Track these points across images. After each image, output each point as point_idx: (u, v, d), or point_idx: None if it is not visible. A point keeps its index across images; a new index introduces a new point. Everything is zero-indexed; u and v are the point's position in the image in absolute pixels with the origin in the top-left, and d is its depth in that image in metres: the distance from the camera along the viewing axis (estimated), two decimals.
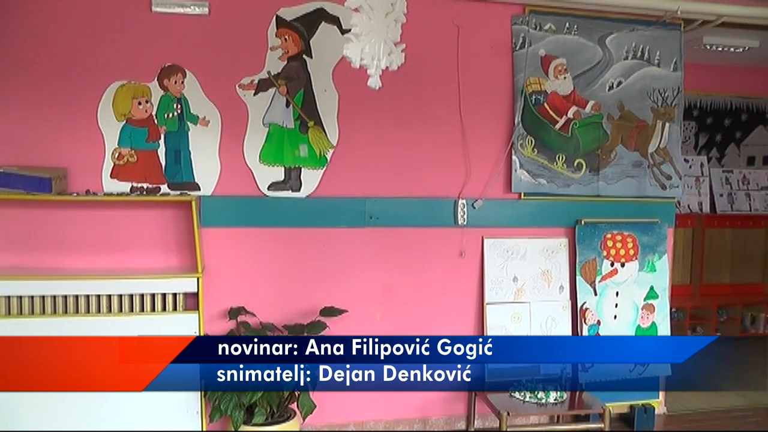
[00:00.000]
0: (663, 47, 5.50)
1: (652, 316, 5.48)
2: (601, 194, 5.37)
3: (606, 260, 5.33)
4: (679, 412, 5.78)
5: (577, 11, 5.20)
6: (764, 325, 8.68)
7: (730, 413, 5.88)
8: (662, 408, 5.74)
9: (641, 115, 5.46)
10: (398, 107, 4.97)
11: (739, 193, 8.78)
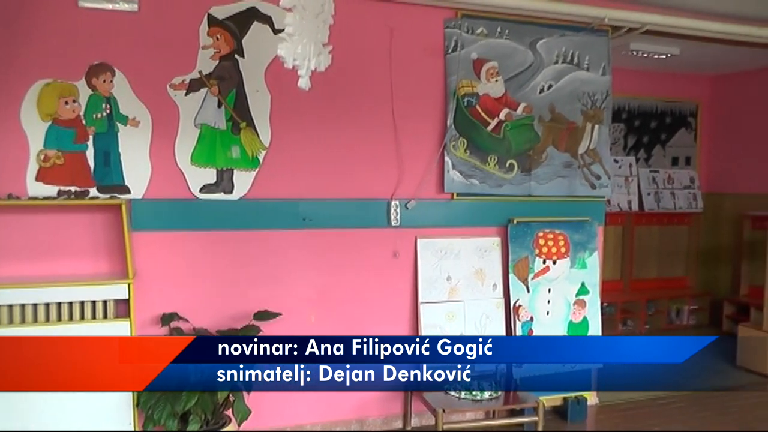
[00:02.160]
0: (592, 52, 5.43)
1: (584, 311, 5.39)
2: (533, 194, 5.27)
3: (538, 258, 5.23)
4: (610, 402, 5.73)
5: (509, 16, 5.09)
6: (688, 317, 8.77)
7: (657, 401, 5.87)
8: (594, 399, 5.67)
9: (571, 117, 5.38)
10: (330, 108, 4.75)
11: (665, 192, 8.82)
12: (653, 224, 8.82)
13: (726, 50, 6.89)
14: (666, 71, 8.76)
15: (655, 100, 8.88)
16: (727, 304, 8.56)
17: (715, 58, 7.81)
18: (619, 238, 8.51)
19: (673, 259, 9.03)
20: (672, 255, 9.02)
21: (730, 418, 5.54)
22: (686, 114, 9.15)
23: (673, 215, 8.90)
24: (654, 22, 5.51)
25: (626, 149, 8.69)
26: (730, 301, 8.59)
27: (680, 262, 9.11)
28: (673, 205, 8.82)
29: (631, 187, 8.55)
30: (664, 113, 8.97)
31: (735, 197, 8.95)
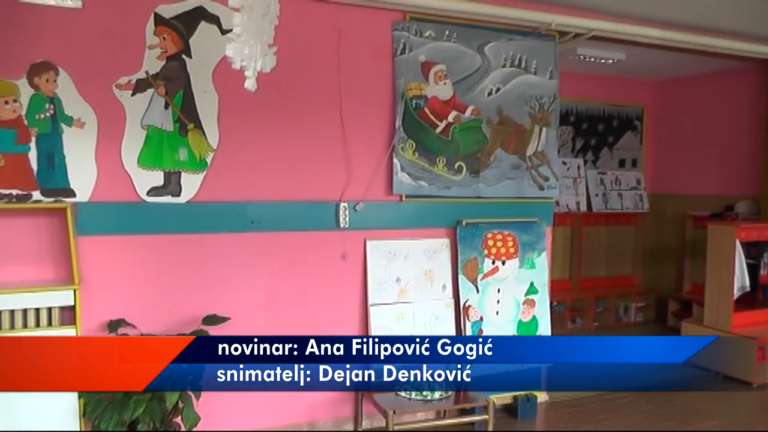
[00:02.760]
0: (539, 56, 5.42)
1: (533, 311, 5.38)
2: (482, 195, 5.23)
3: (487, 259, 5.19)
4: (559, 400, 5.72)
5: (457, 20, 5.05)
6: (635, 314, 8.85)
7: (604, 396, 5.86)
8: (544, 396, 5.65)
9: (519, 120, 5.35)
10: (278, 110, 4.62)
11: (612, 193, 8.90)
12: (601, 224, 8.88)
13: (669, 56, 6.98)
14: (612, 76, 8.85)
15: (602, 104, 8.95)
16: (672, 301, 8.70)
17: (659, 63, 7.92)
18: (568, 239, 8.55)
19: (620, 258, 9.12)
20: (619, 254, 9.11)
21: (671, 411, 5.60)
22: (632, 117, 9.25)
23: (621, 215, 8.99)
24: (600, 28, 5.55)
25: (574, 151, 8.74)
26: (674, 298, 8.72)
27: (627, 261, 9.20)
28: (621, 206, 8.91)
29: (579, 188, 8.61)
30: (611, 116, 9.05)
31: (678, 198, 9.09)
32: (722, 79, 8.50)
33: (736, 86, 8.34)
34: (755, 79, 7.92)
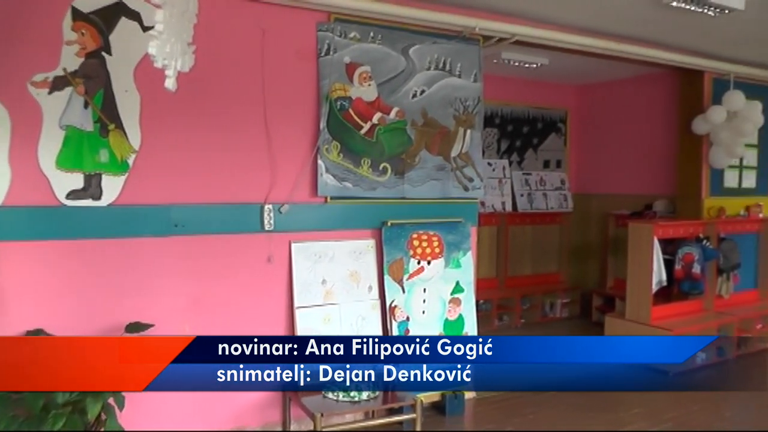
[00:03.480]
0: (463, 60, 5.39)
1: (459, 309, 5.35)
2: (407, 196, 5.16)
3: (413, 259, 5.14)
4: (487, 395, 5.71)
5: (381, 22, 4.97)
6: (561, 310, 8.96)
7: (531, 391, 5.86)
8: (472, 393, 5.61)
9: (444, 122, 5.31)
10: (201, 111, 4.43)
11: (537, 193, 8.99)
12: (526, 224, 8.96)
13: (590, 62, 7.10)
14: (537, 80, 8.96)
15: (526, 107, 9.05)
16: (596, 297, 8.85)
17: (581, 68, 8.05)
18: (494, 238, 8.58)
19: (545, 256, 9.22)
20: (545, 252, 9.21)
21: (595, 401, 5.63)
22: (556, 120, 9.38)
23: (545, 215, 9.09)
24: (522, 33, 5.57)
25: (500, 153, 8.80)
26: (598, 293, 8.88)
27: (552, 259, 9.31)
28: (545, 206, 9.02)
29: (504, 188, 8.67)
30: (536, 119, 9.16)
31: (601, 197, 9.26)
32: (640, 84, 8.71)
33: (653, 91, 8.56)
34: (670, 85, 8.14)
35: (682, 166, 7.88)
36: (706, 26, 5.96)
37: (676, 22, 5.81)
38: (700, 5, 5.22)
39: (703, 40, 6.61)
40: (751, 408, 5.86)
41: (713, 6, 5.24)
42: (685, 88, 7.76)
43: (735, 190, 8.02)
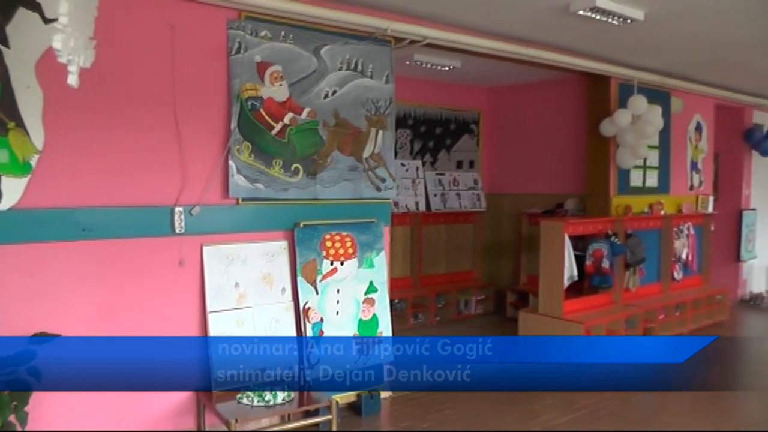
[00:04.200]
0: (375, 61, 5.34)
1: (373, 309, 5.30)
2: (319, 197, 5.07)
3: (326, 260, 5.04)
4: (403, 394, 5.68)
5: (292, 21, 4.85)
6: (475, 307, 9.06)
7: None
8: (388, 392, 5.58)
9: (356, 122, 5.25)
10: (109, 109, 4.17)
11: (451, 193, 9.07)
12: (440, 223, 9.03)
13: (502, 65, 7.18)
14: (449, 82, 9.04)
15: (440, 108, 9.11)
16: (510, 293, 9.00)
17: (493, 71, 8.17)
18: (408, 238, 8.60)
19: (460, 254, 9.31)
20: (459, 251, 9.30)
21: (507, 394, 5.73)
22: (469, 121, 9.49)
23: (459, 214, 9.18)
24: (434, 36, 5.57)
25: (413, 153, 8.82)
26: (512, 290, 9.03)
27: (467, 257, 9.41)
28: (459, 205, 9.11)
29: (418, 189, 8.69)
30: (449, 120, 9.23)
31: (513, 197, 9.43)
32: (550, 87, 8.91)
33: (563, 95, 8.78)
34: (579, 89, 8.37)
35: (591, 166, 8.11)
36: (610, 34, 6.14)
37: (583, 29, 5.96)
38: (604, 15, 5.38)
39: (608, 47, 6.83)
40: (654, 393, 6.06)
41: (616, 16, 5.42)
42: (592, 93, 8.00)
43: (640, 188, 8.32)
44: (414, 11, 5.41)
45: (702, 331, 8.45)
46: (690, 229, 8.86)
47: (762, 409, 5.76)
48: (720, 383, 6.44)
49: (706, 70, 8.18)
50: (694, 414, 5.54)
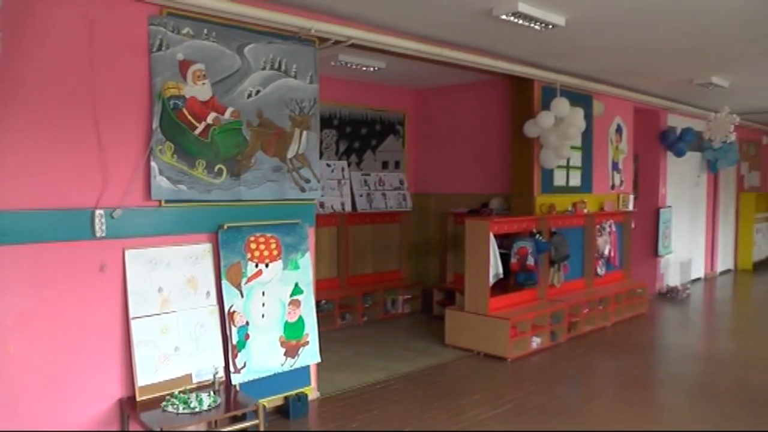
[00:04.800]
0: (299, 61, 5.36)
1: (299, 311, 5.31)
2: (243, 199, 5.03)
3: (250, 262, 5.01)
4: (331, 394, 5.74)
5: (215, 18, 4.80)
6: (402, 306, 9.21)
7: (375, 386, 6.01)
8: (315, 393, 5.62)
9: (280, 122, 5.25)
10: (21, 107, 4.00)
11: (377, 194, 9.16)
12: (367, 223, 9.12)
13: (427, 67, 7.32)
14: (375, 82, 9.12)
15: (365, 109, 9.19)
16: (436, 291, 9.19)
17: (419, 73, 8.29)
18: (335, 238, 8.66)
19: (386, 254, 9.43)
20: (385, 251, 9.41)
21: (437, 392, 5.86)
22: (395, 122, 9.59)
23: (385, 214, 9.29)
24: (358, 37, 5.61)
25: (338, 154, 8.87)
26: (438, 288, 9.22)
27: (393, 257, 9.53)
28: (385, 205, 9.21)
29: (344, 189, 8.75)
30: (374, 121, 9.32)
31: (439, 196, 9.60)
32: (476, 89, 9.13)
33: (488, 97, 9.00)
34: (503, 91, 8.62)
35: (515, 166, 8.35)
36: (533, 39, 6.36)
37: (507, 33, 6.14)
38: (526, 20, 5.56)
39: (531, 51, 7.07)
40: (580, 384, 6.38)
41: (538, 21, 5.60)
42: (516, 95, 8.24)
43: (563, 188, 8.63)
44: (339, 11, 5.47)
45: (624, 323, 8.91)
46: (612, 226, 9.27)
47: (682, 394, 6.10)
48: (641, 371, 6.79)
49: (625, 75, 8.62)
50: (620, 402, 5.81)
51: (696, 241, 12.86)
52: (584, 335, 8.12)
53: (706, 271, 13.35)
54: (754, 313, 10.71)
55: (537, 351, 7.30)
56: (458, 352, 7.17)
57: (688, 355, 7.48)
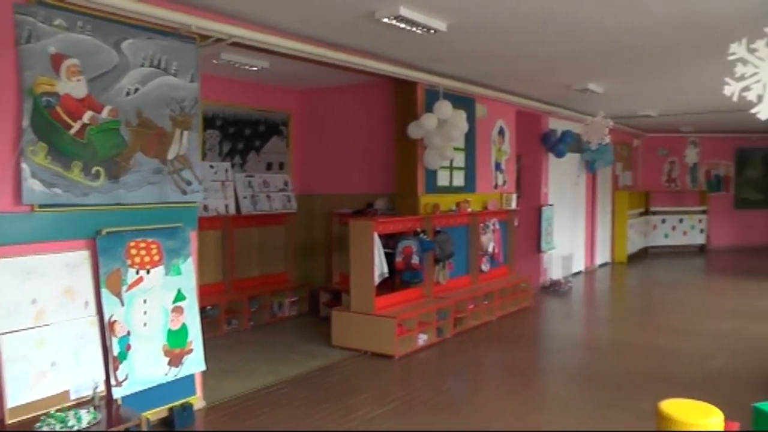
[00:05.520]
0: (180, 58, 5.25)
1: (182, 318, 5.22)
2: (122, 202, 4.87)
3: (131, 269, 4.85)
4: (217, 402, 5.68)
5: (89, 10, 4.58)
6: (289, 309, 9.24)
7: (262, 391, 5.99)
8: (201, 402, 5.54)
9: (160, 122, 5.12)
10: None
11: (261, 195, 9.12)
12: (252, 226, 9.05)
13: (311, 67, 7.38)
14: (260, 82, 9.08)
15: (249, 109, 9.12)
16: (323, 293, 9.27)
17: (303, 73, 8.34)
18: (219, 241, 8.54)
19: (272, 256, 9.40)
20: (271, 253, 9.39)
21: (325, 393, 5.93)
22: (279, 123, 9.58)
23: (270, 216, 9.26)
24: (240, 35, 5.57)
25: (222, 155, 8.76)
26: (325, 289, 9.30)
27: (280, 259, 9.51)
28: (269, 207, 9.18)
29: (227, 191, 8.66)
30: (258, 121, 9.28)
31: (325, 197, 9.67)
32: (360, 91, 9.27)
33: (372, 98, 9.17)
34: (387, 93, 8.80)
35: (399, 167, 8.53)
36: (416, 42, 6.52)
37: (390, 36, 6.26)
38: (408, 24, 5.70)
39: (415, 54, 7.25)
40: (467, 378, 6.63)
41: (420, 26, 5.77)
42: (400, 97, 8.42)
43: (447, 188, 8.91)
44: (221, 9, 5.41)
45: (509, 316, 9.34)
46: (495, 224, 9.67)
47: (564, 381, 6.51)
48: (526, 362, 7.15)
49: (507, 80, 9.03)
50: (505, 393, 6.10)
51: (576, 236, 13.66)
52: (470, 330, 8.45)
53: (586, 264, 14.23)
54: (629, 302, 11.64)
55: (424, 348, 7.50)
56: (346, 352, 7.26)
57: (569, 344, 7.99)
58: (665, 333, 8.37)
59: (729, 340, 7.94)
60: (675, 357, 7.22)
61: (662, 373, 6.59)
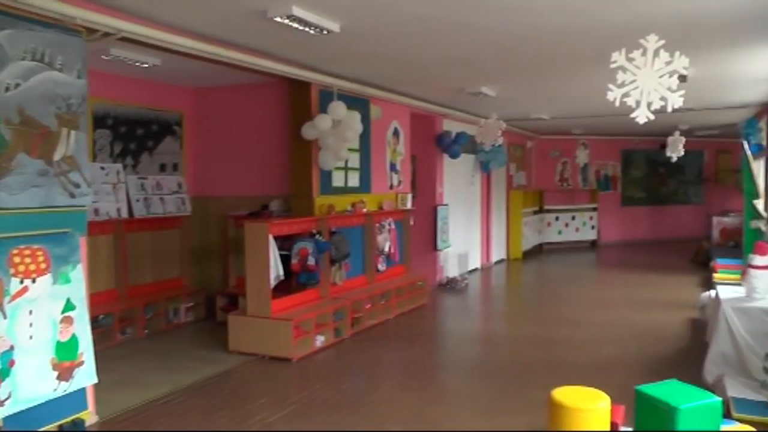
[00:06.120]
0: (66, 53, 4.90)
1: (72, 328, 4.88)
2: (4, 207, 4.47)
3: (14, 278, 4.46)
4: (111, 415, 5.40)
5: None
6: (185, 315, 8.94)
7: (158, 401, 5.76)
8: (93, 417, 5.24)
9: (45, 121, 4.75)
10: None
11: (154, 198, 8.79)
12: (145, 230, 8.69)
13: (204, 66, 7.19)
14: (151, 80, 8.77)
15: (141, 108, 8.77)
16: (220, 297, 9.03)
17: (196, 72, 8.12)
18: (112, 247, 8.12)
19: (167, 261, 9.07)
20: (166, 258, 9.05)
21: (222, 400, 5.77)
22: (172, 122, 9.28)
23: (164, 219, 8.94)
24: (129, 30, 5.34)
25: (113, 156, 8.36)
26: (221, 293, 9.07)
27: (175, 264, 9.19)
28: (163, 210, 8.86)
29: (119, 194, 8.26)
30: (151, 121, 8.94)
31: (220, 200, 9.46)
32: (254, 91, 9.11)
33: (266, 98, 9.04)
34: (281, 93, 8.69)
35: (294, 168, 8.43)
36: (310, 43, 6.44)
37: (283, 36, 6.15)
38: (301, 24, 5.62)
39: (308, 54, 7.17)
40: (365, 376, 6.63)
41: (313, 26, 5.70)
42: (294, 97, 8.33)
43: (342, 188, 8.88)
44: (108, 1, 5.14)
45: (406, 314, 9.42)
46: (391, 224, 9.70)
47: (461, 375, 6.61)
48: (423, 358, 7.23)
49: (401, 82, 9.11)
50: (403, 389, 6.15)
51: (472, 234, 13.95)
52: (368, 329, 8.46)
53: (482, 261, 14.52)
54: (524, 296, 12.05)
55: (322, 349, 7.44)
56: (243, 357, 7.08)
57: (466, 340, 8.16)
58: (558, 324, 8.69)
59: (617, 329, 8.36)
60: (567, 347, 7.51)
61: (555, 362, 6.85)
